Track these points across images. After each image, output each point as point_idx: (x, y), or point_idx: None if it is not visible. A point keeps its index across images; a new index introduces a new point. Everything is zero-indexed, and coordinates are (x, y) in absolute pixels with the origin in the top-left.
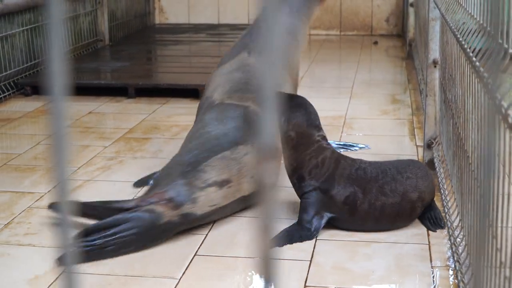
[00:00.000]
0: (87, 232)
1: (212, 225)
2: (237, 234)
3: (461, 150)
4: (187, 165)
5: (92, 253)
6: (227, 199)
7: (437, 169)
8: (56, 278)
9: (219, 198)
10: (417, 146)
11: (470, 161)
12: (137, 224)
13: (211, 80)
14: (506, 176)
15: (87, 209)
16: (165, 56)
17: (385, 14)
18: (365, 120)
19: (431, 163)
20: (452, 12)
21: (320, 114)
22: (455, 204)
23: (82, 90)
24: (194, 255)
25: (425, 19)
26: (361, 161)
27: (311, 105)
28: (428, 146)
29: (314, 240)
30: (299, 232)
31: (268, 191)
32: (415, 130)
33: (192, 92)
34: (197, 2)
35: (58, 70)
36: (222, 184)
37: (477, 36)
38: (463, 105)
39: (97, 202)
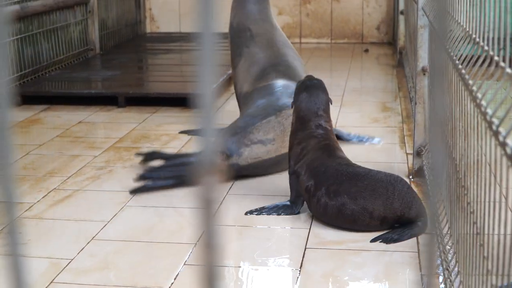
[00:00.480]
0: (160, 167)
1: (202, 235)
2: (226, 244)
3: (449, 158)
4: (238, 128)
5: (152, 184)
6: (270, 153)
7: (427, 176)
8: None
9: (262, 152)
10: (407, 154)
11: (457, 169)
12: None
13: (237, 79)
14: (494, 182)
15: (161, 157)
16: (155, 65)
17: (375, 22)
18: (356, 128)
19: (420, 171)
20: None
21: None
22: (444, 211)
23: (72, 100)
24: (183, 265)
25: (414, 27)
26: (336, 159)
27: (319, 89)
28: (418, 153)
29: (303, 248)
30: (282, 208)
31: (209, 206)
32: (405, 137)
33: (182, 101)
34: (188, 11)
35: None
36: (266, 142)
37: (463, 43)
38: (451, 113)
39: (171, 154)
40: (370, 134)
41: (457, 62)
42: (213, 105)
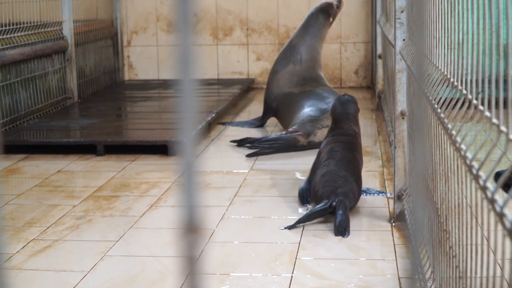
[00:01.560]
0: (260, 141)
1: (183, 283)
2: None
3: (430, 202)
4: (312, 116)
5: (261, 151)
6: None
7: (408, 220)
8: None
9: None
10: (387, 198)
11: (439, 213)
12: (284, 142)
13: (273, 83)
14: (475, 225)
15: (252, 142)
16: (134, 113)
17: (354, 66)
18: None
19: (402, 215)
20: (417, 63)
21: (290, 167)
22: (426, 255)
23: (51, 149)
24: None
25: (392, 71)
26: (351, 154)
27: (350, 101)
28: (399, 197)
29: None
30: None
31: (192, 264)
32: (386, 182)
33: (161, 149)
34: (166, 58)
35: None
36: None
37: (441, 87)
38: (430, 156)
39: (260, 138)
40: None
41: (435, 106)
42: (194, 154)
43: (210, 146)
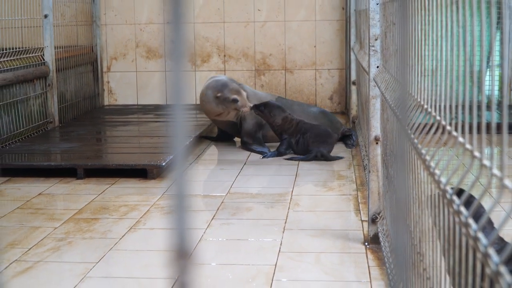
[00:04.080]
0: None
1: None
2: None
3: (404, 225)
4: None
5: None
6: None
7: (382, 243)
8: None
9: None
10: (362, 221)
11: (412, 235)
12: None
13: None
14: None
15: None
16: (114, 137)
17: (328, 92)
18: (311, 197)
19: (376, 238)
20: (391, 90)
21: (267, 191)
22: (400, 278)
23: (32, 172)
24: None
25: (366, 97)
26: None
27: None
28: (373, 220)
29: None
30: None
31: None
32: (360, 205)
33: (140, 172)
34: (145, 84)
35: None
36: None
37: (415, 113)
38: (404, 180)
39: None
40: (325, 202)
41: (409, 131)
42: (185, 179)
43: (187, 170)
